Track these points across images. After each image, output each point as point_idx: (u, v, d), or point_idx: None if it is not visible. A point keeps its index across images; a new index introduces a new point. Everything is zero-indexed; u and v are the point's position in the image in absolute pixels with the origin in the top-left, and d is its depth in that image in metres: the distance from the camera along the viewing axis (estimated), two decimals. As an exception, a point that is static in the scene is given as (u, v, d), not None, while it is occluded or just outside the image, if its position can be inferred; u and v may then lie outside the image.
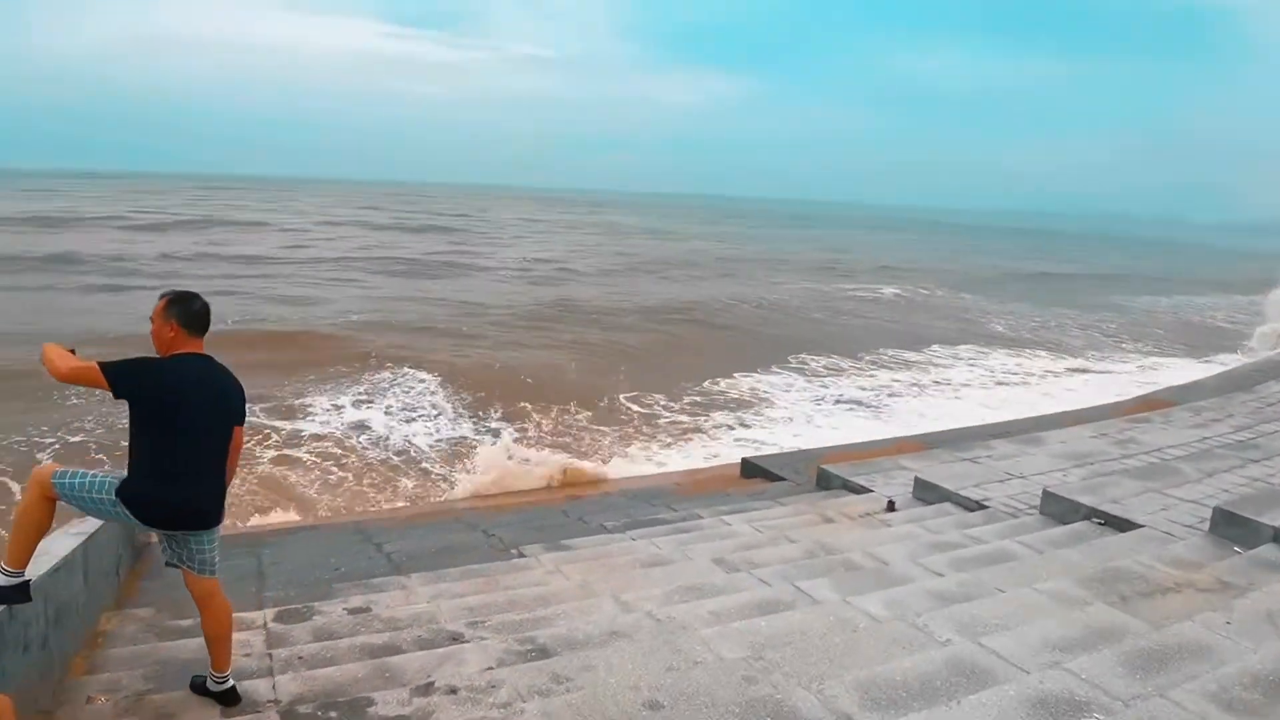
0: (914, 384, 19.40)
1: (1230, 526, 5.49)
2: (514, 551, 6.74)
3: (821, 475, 8.93)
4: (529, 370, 18.26)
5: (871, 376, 20.02)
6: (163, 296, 3.65)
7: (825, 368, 20.62)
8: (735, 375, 19.02)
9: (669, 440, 13.95)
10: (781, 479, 9.58)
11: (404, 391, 16.33)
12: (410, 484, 11.68)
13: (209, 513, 3.68)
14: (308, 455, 12.46)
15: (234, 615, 3.87)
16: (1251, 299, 35.48)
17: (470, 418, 14.94)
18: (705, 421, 15.45)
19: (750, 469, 10.11)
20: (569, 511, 8.82)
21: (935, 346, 23.75)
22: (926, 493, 7.75)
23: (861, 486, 8.38)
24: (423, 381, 16.94)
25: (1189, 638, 3.82)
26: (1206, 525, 5.69)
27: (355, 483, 11.60)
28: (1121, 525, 6.09)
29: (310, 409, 14.74)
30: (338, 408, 14.92)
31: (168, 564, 3.86)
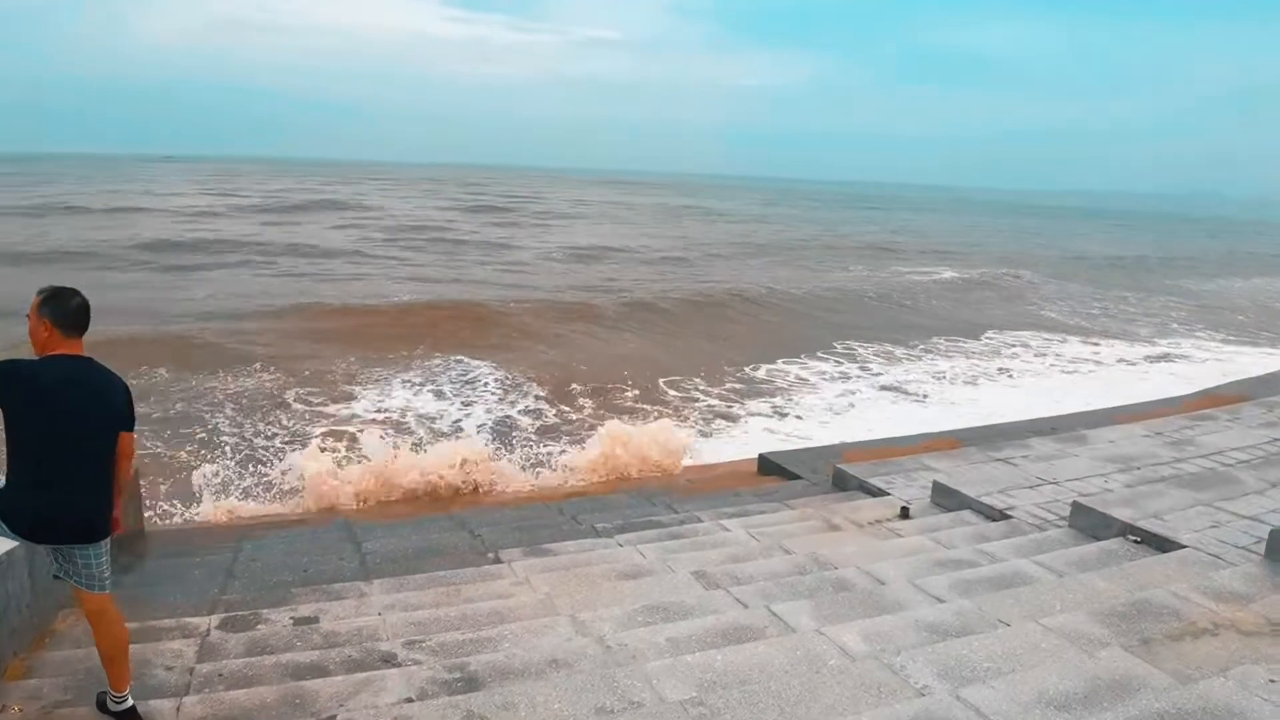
0: (968, 372, 18.43)
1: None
2: (491, 555, 6.30)
3: (838, 475, 8.30)
4: (584, 354, 18.07)
5: (923, 363, 19.10)
6: (38, 293, 3.35)
7: (876, 354, 19.71)
8: (779, 361, 18.33)
9: (698, 428, 13.36)
10: (798, 477, 8.98)
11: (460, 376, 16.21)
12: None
13: (91, 524, 3.38)
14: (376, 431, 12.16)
15: (183, 620, 3.56)
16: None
17: (510, 400, 14.66)
18: (740, 409, 14.85)
19: (767, 466, 9.52)
20: (565, 509, 8.34)
21: (991, 332, 22.64)
22: (945, 498, 7.08)
23: (879, 489, 7.74)
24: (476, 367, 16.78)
25: (1217, 700, 3.17)
26: (1263, 548, 4.95)
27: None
28: (1161, 545, 5.37)
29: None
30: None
31: (55, 576, 3.56)
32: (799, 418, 14.31)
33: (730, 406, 15.02)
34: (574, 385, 15.61)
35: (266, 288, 25.21)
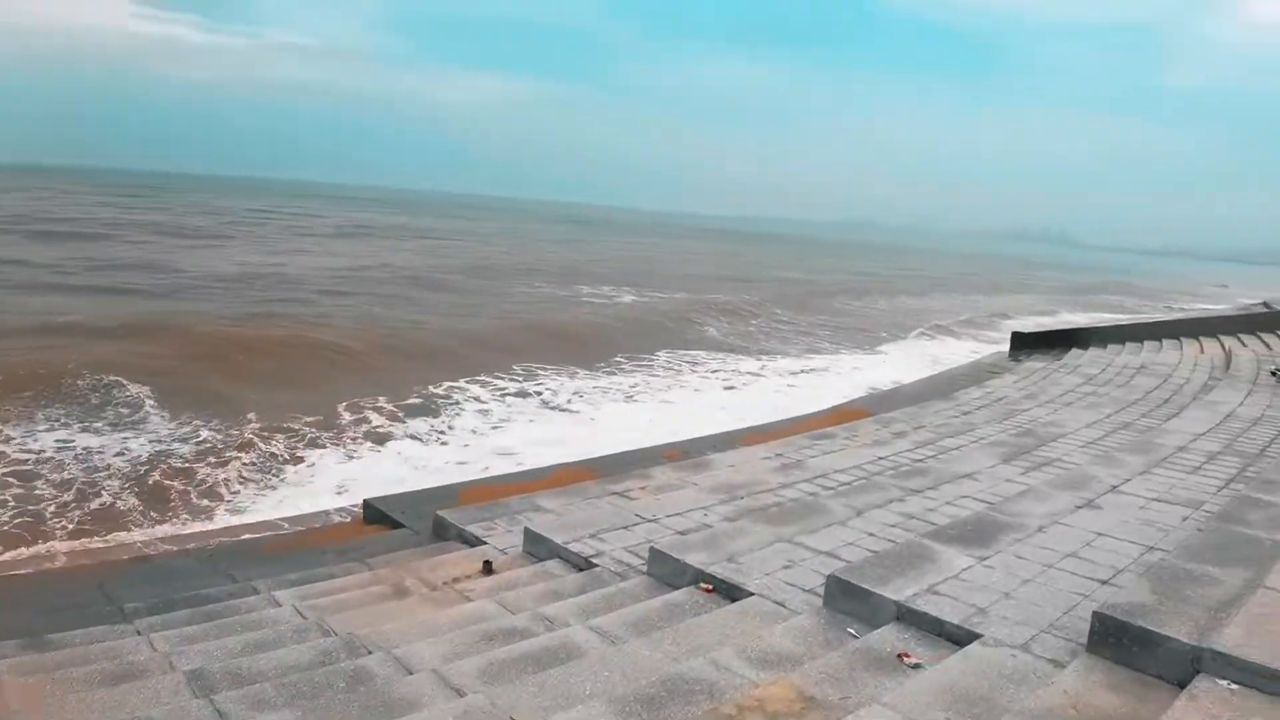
0: (631, 391, 18.33)
1: (847, 599, 4.34)
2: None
3: (438, 523, 7.25)
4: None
5: (587, 383, 18.73)
6: None
7: (554, 375, 19.06)
8: (443, 384, 17.09)
9: (298, 470, 11.79)
10: (402, 526, 7.83)
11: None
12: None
13: None
14: None
15: None
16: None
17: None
18: (398, 429, 13.55)
19: (372, 513, 8.28)
20: (105, 584, 6.61)
21: (662, 353, 23.01)
22: (536, 546, 6.25)
23: (476, 538, 6.78)
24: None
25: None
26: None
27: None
28: (731, 592, 4.83)
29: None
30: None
31: None
32: (443, 442, 13.22)
33: (387, 428, 13.64)
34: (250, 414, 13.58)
35: None
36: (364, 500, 8.55)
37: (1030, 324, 33.62)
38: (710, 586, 4.96)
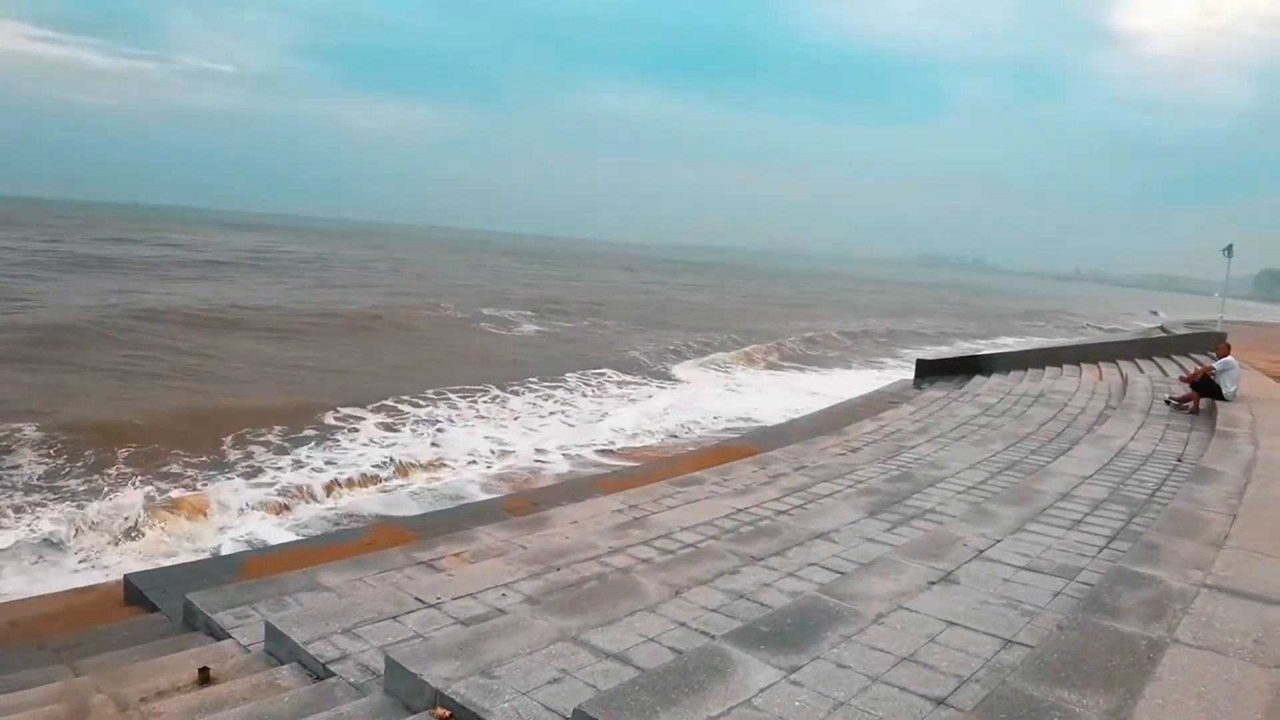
0: (537, 418, 17.04)
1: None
2: None
3: (187, 609, 5.92)
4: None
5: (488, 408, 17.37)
6: None
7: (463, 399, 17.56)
8: (273, 431, 15.13)
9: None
10: (157, 610, 6.47)
11: None
12: None
13: None
14: None
15: None
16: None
17: None
18: (270, 473, 12.06)
19: (132, 593, 6.88)
20: None
21: (533, 379, 21.75)
22: (277, 645, 5.00)
23: (222, 629, 5.49)
24: None
25: None
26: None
27: None
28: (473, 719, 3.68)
29: None
30: None
31: None
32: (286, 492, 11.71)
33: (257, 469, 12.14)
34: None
35: None
36: (125, 576, 7.13)
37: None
38: (447, 712, 3.78)
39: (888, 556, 5.39)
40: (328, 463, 12.72)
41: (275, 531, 9.85)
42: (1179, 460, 9.70)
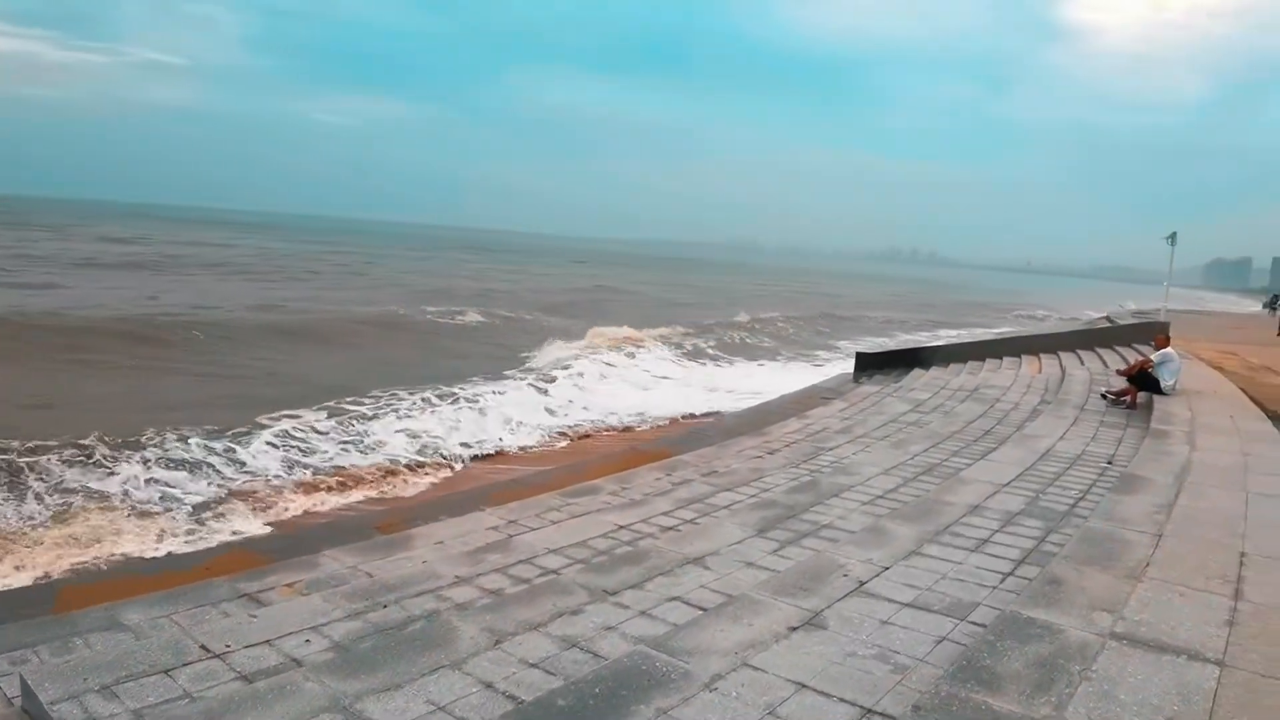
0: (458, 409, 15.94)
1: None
2: None
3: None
4: None
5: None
6: None
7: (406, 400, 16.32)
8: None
9: None
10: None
11: None
12: None
13: None
14: None
15: None
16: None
17: None
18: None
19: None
20: None
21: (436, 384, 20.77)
22: (31, 703, 4.10)
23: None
24: None
25: None
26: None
27: None
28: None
29: None
30: None
31: None
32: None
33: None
34: None
35: None
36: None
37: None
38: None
39: (750, 594, 4.60)
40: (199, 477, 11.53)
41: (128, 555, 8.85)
42: (1109, 463, 9.09)
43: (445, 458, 13.09)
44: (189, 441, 12.56)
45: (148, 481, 10.94)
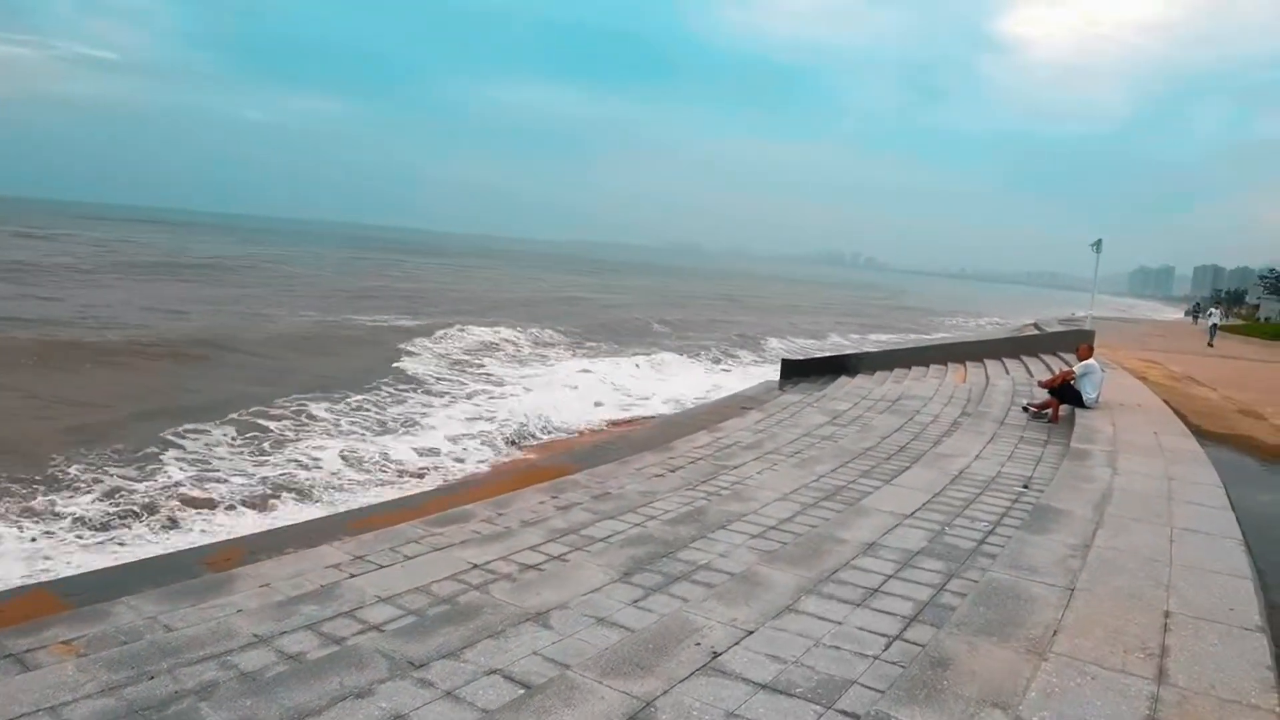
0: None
1: None
2: None
3: None
4: None
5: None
6: None
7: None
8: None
9: None
10: None
11: None
12: None
13: None
14: None
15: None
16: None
17: None
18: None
19: None
20: None
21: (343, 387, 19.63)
22: None
23: None
24: None
25: None
26: None
27: None
28: None
29: None
30: None
31: None
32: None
33: None
34: None
35: None
36: None
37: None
38: None
39: (570, 675, 3.76)
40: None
41: None
42: (1025, 486, 8.48)
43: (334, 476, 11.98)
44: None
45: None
